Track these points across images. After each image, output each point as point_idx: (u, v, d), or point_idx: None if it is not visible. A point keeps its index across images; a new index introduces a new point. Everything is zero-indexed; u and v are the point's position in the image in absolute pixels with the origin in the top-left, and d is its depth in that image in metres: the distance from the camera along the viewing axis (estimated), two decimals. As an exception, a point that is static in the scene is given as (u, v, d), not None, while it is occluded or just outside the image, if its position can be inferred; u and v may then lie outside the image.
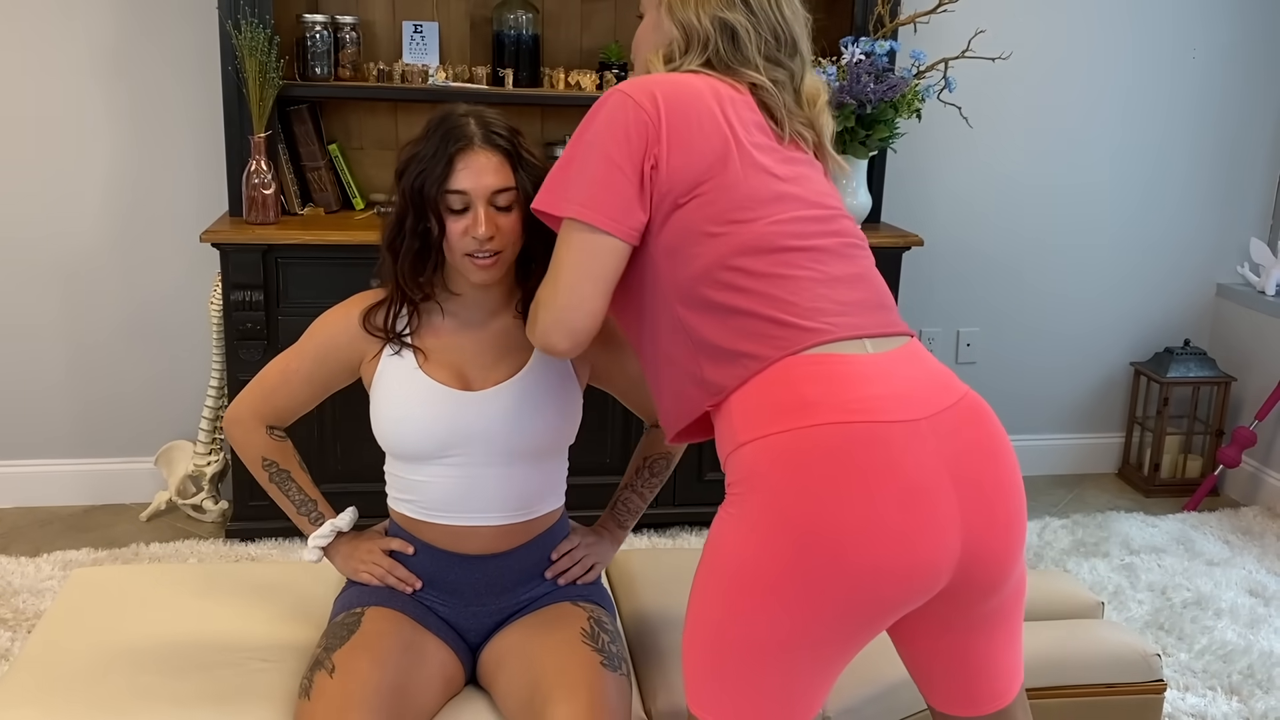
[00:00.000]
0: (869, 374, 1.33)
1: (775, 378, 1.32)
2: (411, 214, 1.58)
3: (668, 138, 1.39)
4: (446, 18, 3.25)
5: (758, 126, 1.47)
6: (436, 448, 1.64)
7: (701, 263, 1.38)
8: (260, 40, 2.83)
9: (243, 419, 1.75)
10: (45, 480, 3.34)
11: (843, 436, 1.27)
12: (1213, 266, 3.86)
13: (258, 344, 2.93)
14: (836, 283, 1.39)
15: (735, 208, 1.39)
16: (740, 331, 1.35)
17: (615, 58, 3.25)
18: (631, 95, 1.42)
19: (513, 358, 1.67)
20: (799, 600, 1.26)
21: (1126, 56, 3.64)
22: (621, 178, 1.38)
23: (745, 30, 1.48)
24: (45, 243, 3.20)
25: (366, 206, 3.23)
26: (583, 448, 1.82)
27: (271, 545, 3.07)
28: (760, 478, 1.28)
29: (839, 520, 1.25)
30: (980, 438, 1.35)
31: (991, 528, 1.33)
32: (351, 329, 1.68)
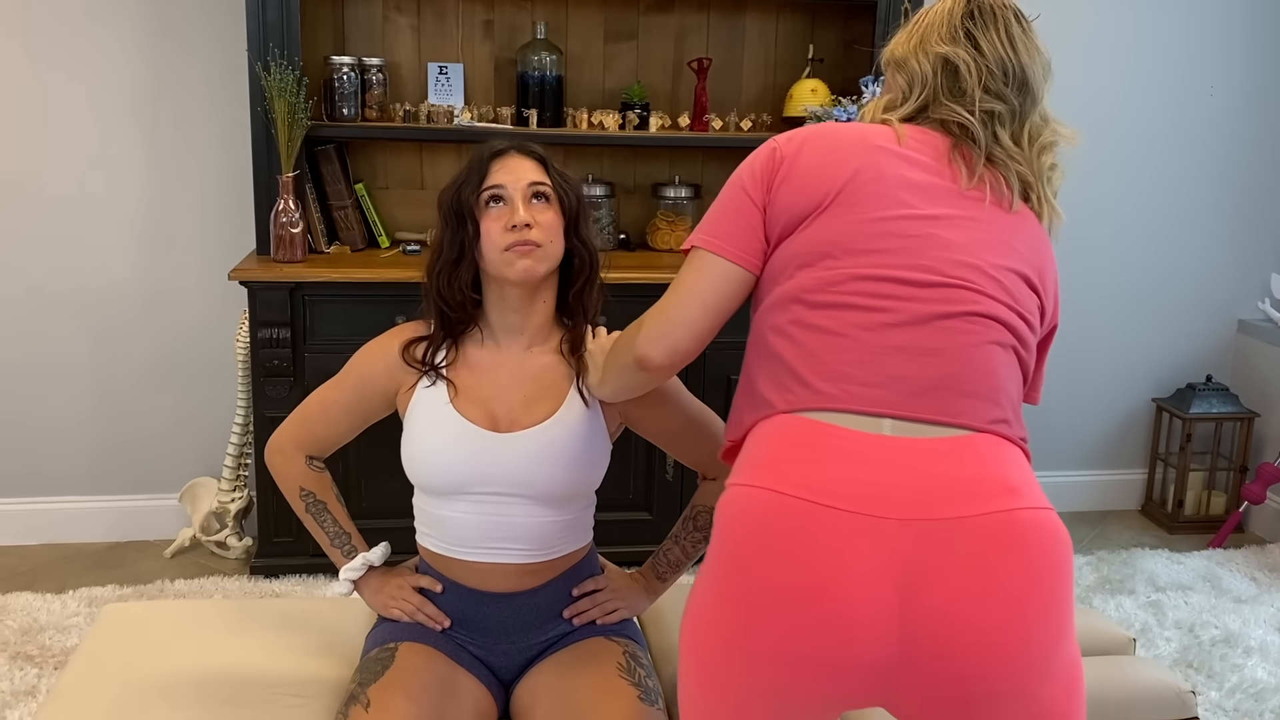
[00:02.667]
0: (863, 455, 1.23)
1: (767, 430, 1.31)
2: (449, 229, 1.64)
3: (786, 169, 1.39)
4: (471, 59, 3.30)
5: (931, 169, 1.38)
6: (459, 484, 1.65)
7: (770, 300, 1.38)
8: (289, 82, 2.88)
9: (283, 448, 1.77)
10: (70, 517, 3.36)
11: (770, 506, 1.21)
12: (1234, 302, 3.86)
13: (284, 381, 2.96)
14: (895, 352, 1.28)
15: (818, 250, 1.34)
16: (769, 376, 1.35)
17: (637, 98, 3.29)
18: (777, 139, 1.43)
19: (545, 403, 1.67)
20: (728, 661, 1.23)
21: (1146, 93, 3.66)
22: (748, 206, 1.39)
23: (967, 65, 1.42)
24: (73, 280, 3.24)
25: (392, 245, 3.26)
26: (606, 484, 1.81)
27: (295, 582, 3.07)
28: (717, 527, 1.28)
29: (751, 589, 1.21)
30: (971, 563, 1.18)
31: (945, 666, 1.18)
32: (389, 359, 1.71)
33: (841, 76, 3.39)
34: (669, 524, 3.17)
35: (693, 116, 3.33)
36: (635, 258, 3.30)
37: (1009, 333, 1.33)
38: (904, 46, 1.47)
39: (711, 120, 3.31)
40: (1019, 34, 1.45)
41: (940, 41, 1.42)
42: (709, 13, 3.39)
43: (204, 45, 3.16)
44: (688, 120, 3.32)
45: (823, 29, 3.43)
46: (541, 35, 3.22)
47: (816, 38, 3.41)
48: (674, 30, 3.39)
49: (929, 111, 1.43)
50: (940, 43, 1.42)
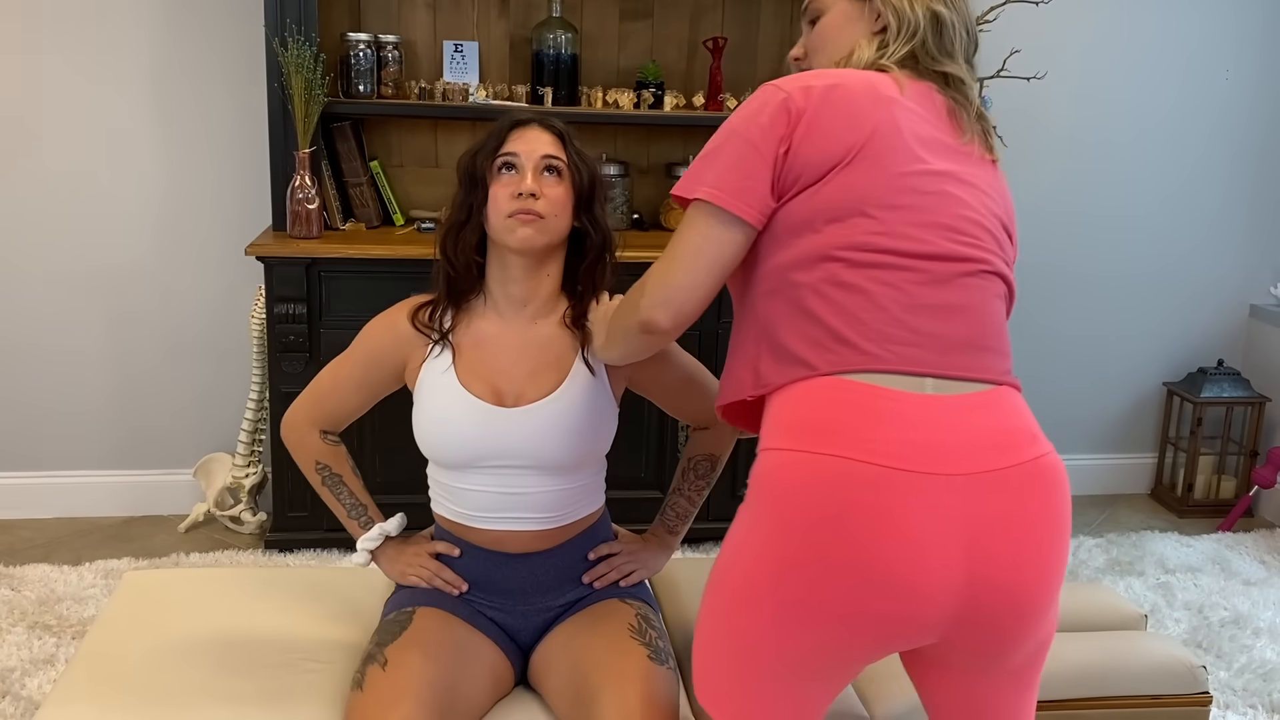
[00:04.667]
0: (911, 416, 1.26)
1: (814, 392, 1.29)
2: (462, 191, 1.67)
3: (808, 122, 1.33)
4: (487, 37, 3.30)
5: (931, 122, 1.40)
6: (470, 458, 1.67)
7: (794, 254, 1.33)
8: (305, 58, 2.89)
9: (297, 423, 1.79)
10: (85, 491, 3.38)
11: (845, 474, 1.23)
12: (1245, 287, 3.86)
13: (300, 356, 2.97)
14: (923, 310, 1.31)
15: (850, 206, 1.32)
16: (801, 334, 1.32)
17: (652, 77, 3.29)
18: (781, 86, 1.36)
19: (550, 375, 1.68)
20: (779, 620, 1.25)
21: (1159, 76, 3.65)
22: (757, 159, 1.33)
23: (950, 24, 1.44)
24: (90, 256, 3.26)
25: (407, 222, 3.27)
26: (618, 462, 1.83)
27: (310, 556, 3.10)
28: (766, 489, 1.28)
29: (821, 556, 1.22)
30: (1019, 509, 1.27)
31: (1004, 600, 1.26)
32: (397, 332, 1.72)
33: (856, 57, 3.38)
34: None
35: (707, 96, 3.33)
36: (648, 237, 3.31)
37: (1005, 285, 1.40)
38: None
39: (726, 100, 3.31)
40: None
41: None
42: (724, -8, 3.39)
43: (221, 21, 3.17)
44: (702, 100, 3.32)
45: (838, 9, 3.42)
46: (557, 13, 3.23)
47: (831, 18, 3.41)
48: (689, 9, 3.39)
49: (918, 62, 1.43)
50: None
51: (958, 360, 1.31)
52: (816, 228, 1.33)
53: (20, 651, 2.55)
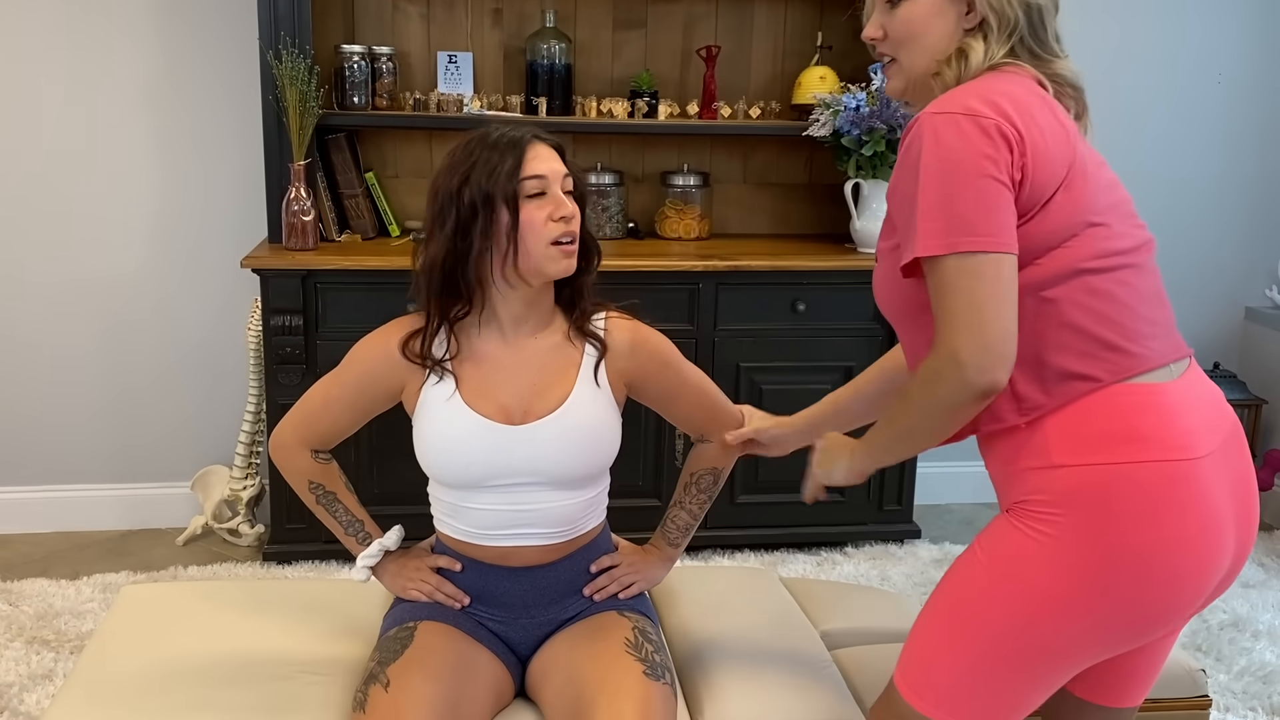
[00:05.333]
0: (1182, 404, 1.34)
1: (1103, 404, 1.32)
2: (462, 217, 1.57)
3: (1033, 150, 1.30)
4: (481, 48, 3.31)
5: (1066, 115, 1.41)
6: (479, 478, 1.66)
7: (1043, 272, 1.32)
8: (300, 70, 2.89)
9: (287, 444, 1.77)
10: (82, 505, 3.38)
11: (1169, 475, 1.29)
12: (1241, 290, 3.86)
13: (297, 368, 2.97)
14: (1148, 301, 1.37)
15: (1080, 219, 1.34)
16: (1069, 349, 1.32)
17: (646, 86, 3.30)
18: (973, 112, 1.29)
19: (555, 389, 1.67)
20: (1099, 622, 1.31)
21: (1153, 80, 3.66)
22: (1003, 192, 1.28)
23: (1048, 10, 1.42)
24: (86, 269, 3.26)
25: (402, 233, 3.27)
26: (615, 471, 1.82)
27: (308, 568, 3.09)
28: (1085, 505, 1.30)
29: (1153, 554, 1.29)
30: (1247, 466, 1.40)
31: (1246, 552, 1.39)
32: (391, 356, 1.68)
33: (850, 64, 3.40)
34: (679, 510, 3.21)
35: (701, 104, 3.34)
36: (644, 246, 3.32)
37: None
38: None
39: (720, 108, 3.32)
40: None
41: None
42: (717, 0, 3.40)
43: (215, 34, 3.17)
44: (696, 108, 3.33)
45: (831, 16, 3.43)
46: (550, 23, 3.23)
47: (825, 25, 3.42)
48: (682, 18, 3.40)
49: (1018, 57, 1.41)
50: None
51: (1176, 341, 1.40)
52: (1060, 244, 1.33)
53: (18, 667, 2.54)
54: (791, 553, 3.32)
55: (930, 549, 3.36)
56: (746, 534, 3.30)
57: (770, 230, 3.57)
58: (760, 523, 3.27)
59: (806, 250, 3.29)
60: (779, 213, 3.57)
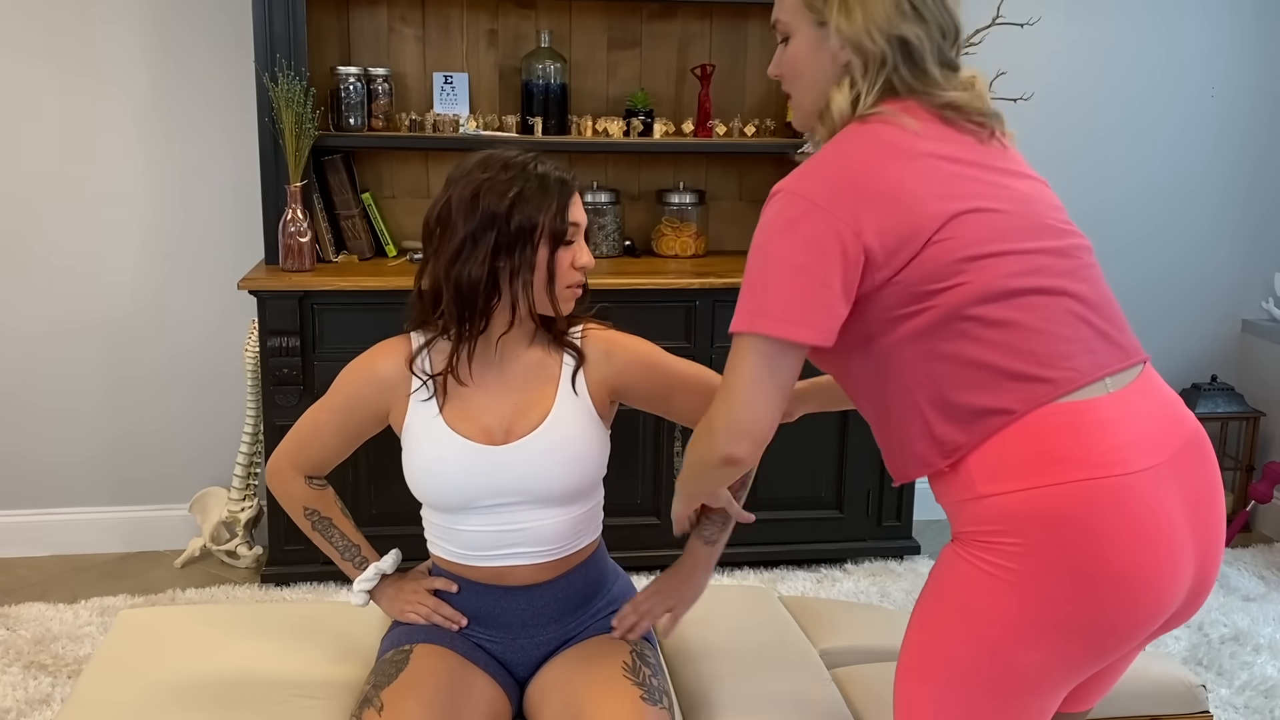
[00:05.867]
0: (1113, 418, 1.30)
1: (1020, 431, 1.29)
2: (520, 245, 1.58)
3: (873, 225, 1.28)
4: (476, 68, 3.32)
5: (958, 146, 1.37)
6: (467, 500, 1.66)
7: (928, 319, 1.30)
8: (296, 92, 2.90)
9: (281, 470, 1.77)
10: (81, 528, 3.37)
11: (1091, 494, 1.26)
12: (1237, 302, 3.87)
13: (294, 389, 2.97)
14: (1075, 319, 1.33)
15: (958, 261, 1.30)
16: (976, 386, 1.30)
17: (641, 105, 3.31)
18: (808, 198, 1.29)
19: (536, 406, 1.67)
20: (1060, 642, 1.29)
21: (1147, 95, 3.67)
22: (819, 287, 1.28)
23: (918, 40, 1.36)
24: (84, 291, 3.26)
25: (399, 253, 3.28)
26: (612, 488, 1.81)
27: (306, 590, 3.09)
28: (1018, 531, 1.27)
29: (1098, 570, 1.26)
30: (1208, 476, 1.36)
31: (1212, 567, 1.35)
32: (376, 378, 1.69)
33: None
34: (677, 528, 3.20)
35: (696, 123, 3.35)
36: (641, 264, 3.32)
37: (1092, 251, 1.40)
38: (846, 22, 1.36)
39: (715, 126, 3.33)
40: None
41: (889, 19, 1.35)
42: (711, 19, 3.41)
43: (212, 57, 3.18)
44: (691, 126, 3.34)
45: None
46: (545, 44, 3.25)
47: (818, 43, 3.43)
48: (677, 37, 3.41)
49: (896, 90, 1.36)
50: (892, 20, 1.35)
51: (1116, 351, 1.35)
52: (941, 289, 1.30)
53: (15, 692, 2.53)
54: (791, 570, 3.31)
55: (930, 565, 3.34)
56: (746, 551, 3.29)
57: (766, 247, 3.57)
58: (759, 540, 3.26)
59: (803, 267, 3.29)
60: (775, 230, 3.57)
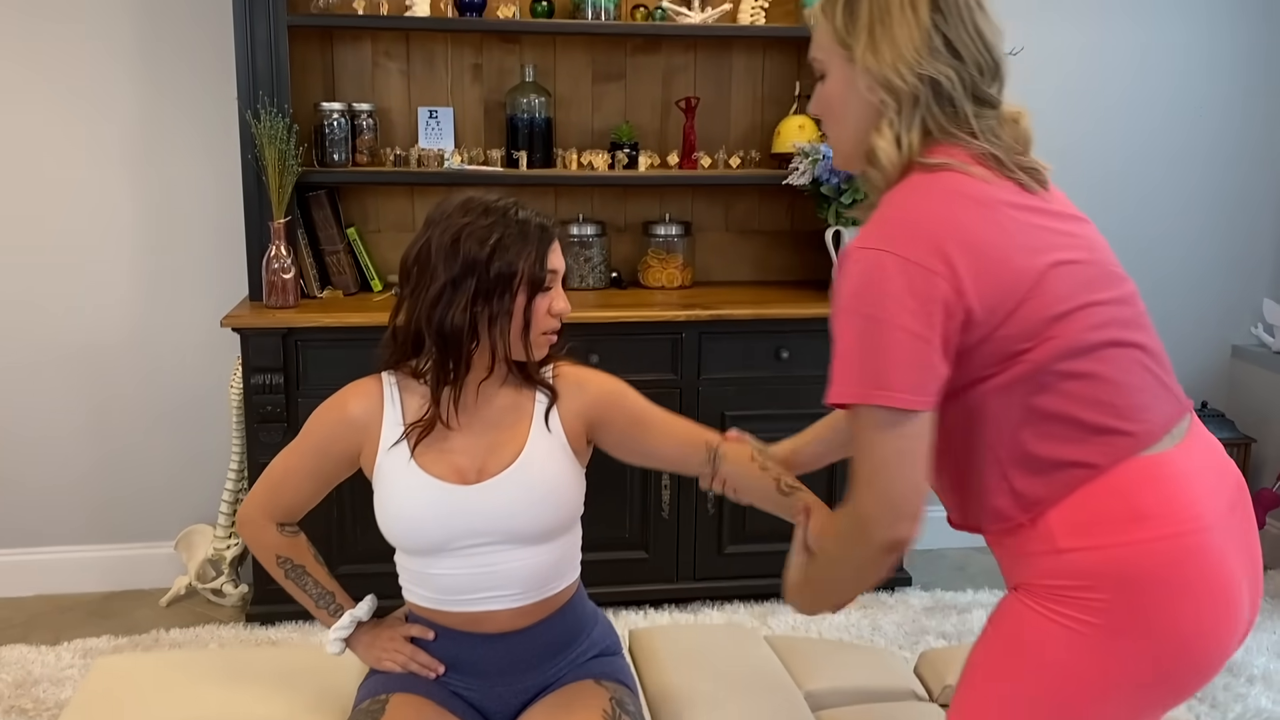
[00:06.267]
0: (1185, 471, 1.30)
1: (1102, 487, 1.28)
2: (499, 291, 1.58)
3: (971, 282, 1.24)
4: (461, 103, 3.32)
5: (1019, 192, 1.33)
6: (441, 542, 1.64)
7: (1019, 373, 1.28)
8: (279, 129, 2.90)
9: (253, 518, 1.75)
10: (65, 567, 3.34)
11: (1175, 551, 1.26)
12: (1227, 328, 3.86)
13: (278, 426, 2.96)
14: (1144, 370, 1.32)
15: (1050, 319, 1.27)
16: (1060, 439, 1.29)
17: (626, 138, 3.31)
18: (902, 255, 1.23)
19: (508, 445, 1.65)
20: (1135, 698, 1.28)
21: (1133, 120, 3.68)
22: (926, 349, 1.23)
23: (949, 80, 1.31)
24: (68, 327, 3.25)
25: (385, 288, 3.27)
26: (600, 523, 1.79)
27: (292, 629, 3.06)
28: (1098, 587, 1.26)
29: (1177, 629, 1.26)
30: (1252, 524, 1.37)
31: (1255, 615, 1.35)
32: (347, 420, 1.68)
33: (829, 112, 3.41)
34: (666, 562, 3.19)
35: (681, 155, 3.35)
36: (627, 295, 3.31)
37: (1139, 296, 1.39)
38: (873, 59, 1.31)
39: (700, 158, 3.33)
40: (984, 20, 1.34)
41: (919, 56, 1.30)
42: (695, 52, 3.42)
43: (195, 93, 3.18)
44: (676, 159, 3.34)
45: (809, 66, 3.43)
46: (530, 78, 3.25)
47: (803, 74, 3.44)
48: (661, 69, 3.41)
49: (931, 132, 1.32)
50: (921, 59, 1.30)
51: (1174, 399, 1.35)
52: (1025, 351, 1.28)
53: (-5, 738, 2.51)
54: (781, 603, 3.29)
55: (922, 596, 3.33)
56: (735, 585, 3.27)
57: (753, 277, 3.57)
58: (749, 573, 3.24)
59: (789, 297, 3.29)
60: (761, 260, 3.57)
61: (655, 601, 3.24)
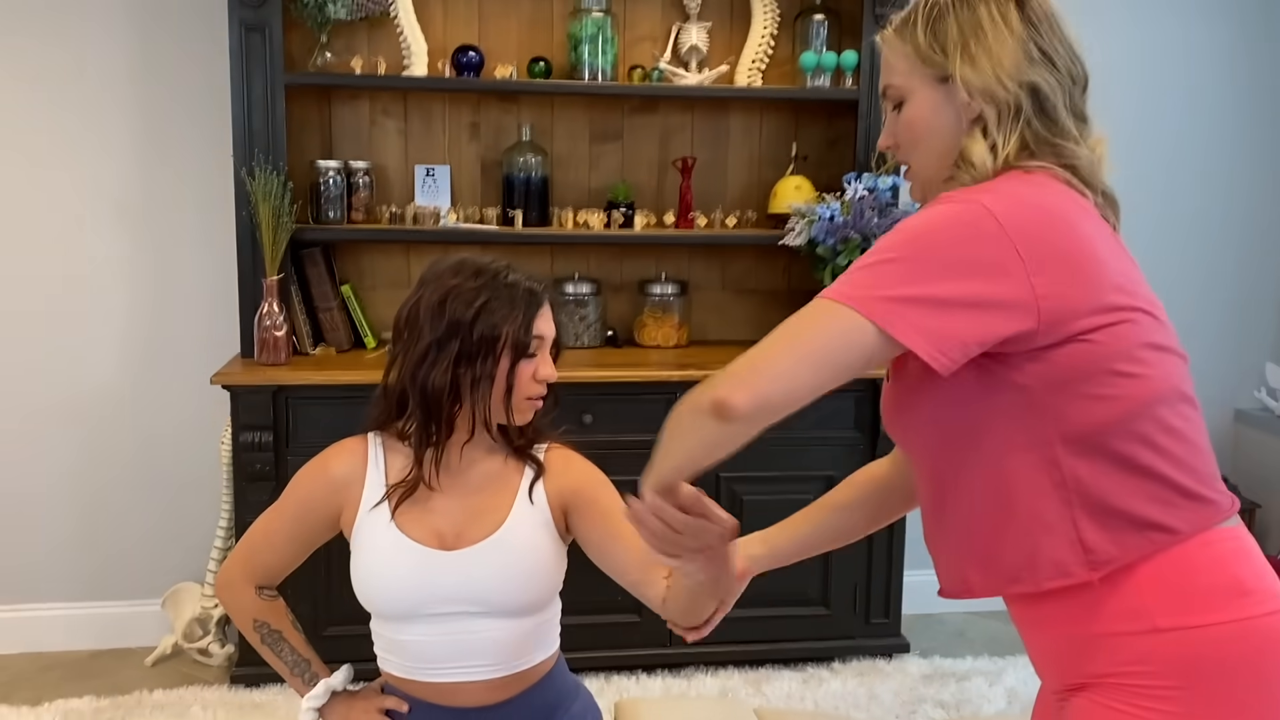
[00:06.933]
0: (1253, 545, 1.25)
1: (1194, 556, 1.19)
2: (482, 355, 1.57)
3: (1056, 291, 1.15)
4: (458, 161, 3.32)
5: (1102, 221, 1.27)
6: (413, 607, 1.61)
7: (1117, 408, 1.18)
8: (274, 186, 2.90)
9: (232, 581, 1.72)
10: (50, 625, 3.30)
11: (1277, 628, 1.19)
12: (1230, 393, 3.82)
13: (266, 485, 2.92)
14: (1205, 435, 1.25)
15: (1147, 345, 1.21)
16: (1148, 497, 1.19)
17: (623, 197, 3.31)
18: (1004, 224, 1.14)
19: (491, 513, 1.63)
20: None
21: (1133, 182, 3.66)
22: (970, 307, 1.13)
23: (1049, 87, 1.25)
24: (57, 384, 3.23)
25: (378, 345, 3.25)
26: (592, 586, 1.74)
27: (277, 691, 3.00)
28: (1205, 674, 1.16)
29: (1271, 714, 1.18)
30: None
31: None
32: (328, 480, 1.66)
33: (825, 173, 3.41)
34: (658, 625, 3.13)
35: (678, 214, 3.34)
36: (622, 354, 3.29)
37: None
38: (973, 73, 1.25)
39: (697, 218, 3.33)
40: (1069, 30, 1.29)
41: (1018, 65, 1.24)
42: (693, 112, 3.43)
43: (190, 149, 3.19)
44: (673, 218, 3.33)
45: (806, 127, 3.46)
46: (527, 137, 3.25)
47: (800, 135, 3.44)
48: (659, 130, 3.42)
49: (1029, 148, 1.26)
50: (1021, 67, 1.24)
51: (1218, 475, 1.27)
52: (1129, 372, 1.19)
53: (-33, 804, 2.45)
54: (777, 669, 3.22)
55: (920, 663, 3.27)
56: (730, 650, 3.21)
57: (750, 336, 3.49)
58: (744, 638, 3.18)
59: (786, 358, 3.26)
60: (758, 319, 3.55)
61: (648, 666, 3.18)
